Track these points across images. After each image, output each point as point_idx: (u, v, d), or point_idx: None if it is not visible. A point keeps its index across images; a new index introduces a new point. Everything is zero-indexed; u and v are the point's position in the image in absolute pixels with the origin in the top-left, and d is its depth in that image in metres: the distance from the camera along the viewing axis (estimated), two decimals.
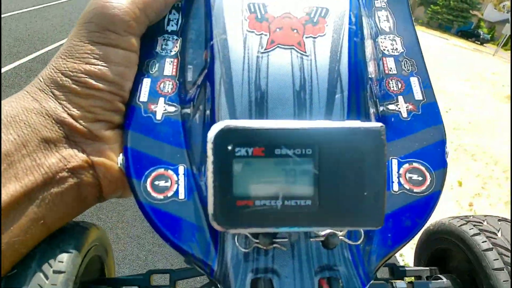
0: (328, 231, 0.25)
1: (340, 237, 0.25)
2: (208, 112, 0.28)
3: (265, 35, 0.29)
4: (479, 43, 22.16)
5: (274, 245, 0.25)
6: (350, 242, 0.26)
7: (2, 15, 4.90)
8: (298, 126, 0.22)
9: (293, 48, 0.28)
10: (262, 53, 0.28)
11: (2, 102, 0.26)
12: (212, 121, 0.27)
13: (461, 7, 22.85)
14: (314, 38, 0.29)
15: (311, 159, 0.22)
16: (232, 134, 0.21)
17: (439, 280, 0.32)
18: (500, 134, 4.70)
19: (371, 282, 0.26)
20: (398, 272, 0.32)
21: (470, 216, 0.34)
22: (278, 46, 0.28)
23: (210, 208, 0.21)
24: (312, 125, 0.22)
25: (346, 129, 0.22)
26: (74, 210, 0.28)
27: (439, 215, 0.34)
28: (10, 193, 0.23)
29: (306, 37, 0.29)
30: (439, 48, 11.86)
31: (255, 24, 0.29)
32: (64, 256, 0.25)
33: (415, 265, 0.40)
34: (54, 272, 0.24)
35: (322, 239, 0.25)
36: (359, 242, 0.26)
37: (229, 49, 0.28)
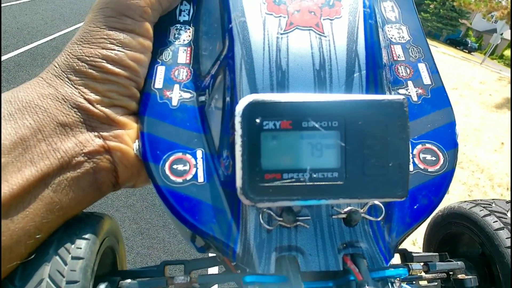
0: (349, 208, 0.26)
1: (361, 214, 0.26)
2: (228, 96, 0.28)
3: (284, 17, 0.29)
4: (467, 51, 22.63)
5: (297, 223, 0.25)
6: (372, 218, 0.26)
7: None
8: (324, 99, 0.22)
9: (312, 29, 0.29)
10: (281, 34, 0.28)
11: (17, 88, 0.26)
12: (233, 102, 0.27)
13: (450, 15, 23.22)
14: (331, 20, 0.29)
15: (337, 131, 0.22)
16: (260, 108, 0.22)
17: (452, 262, 0.32)
18: (486, 143, 4.78)
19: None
20: (410, 257, 0.32)
21: (478, 199, 0.34)
22: (297, 28, 0.29)
23: (238, 182, 0.22)
24: (337, 98, 0.23)
25: (370, 101, 0.23)
26: (90, 196, 0.27)
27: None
28: (26, 177, 0.23)
29: (324, 19, 0.29)
30: None
31: (273, 7, 0.29)
32: (82, 243, 0.25)
33: (424, 251, 0.40)
34: (73, 258, 0.24)
35: (344, 216, 0.26)
36: (380, 219, 0.27)
37: (248, 31, 0.28)
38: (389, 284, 0.25)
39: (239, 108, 0.22)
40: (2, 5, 5.56)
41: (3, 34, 4.24)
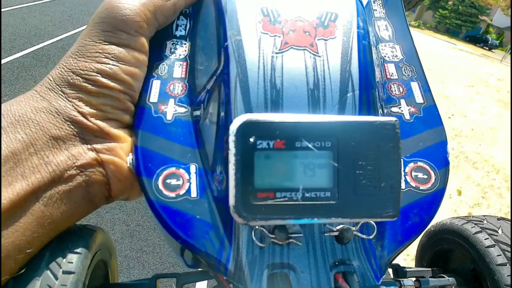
0: (341, 226, 0.26)
1: (353, 232, 0.26)
2: (222, 112, 0.28)
3: (279, 36, 0.30)
4: (487, 48, 21.99)
5: (290, 240, 0.25)
6: (364, 236, 0.27)
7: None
8: (317, 119, 0.23)
9: (306, 49, 0.29)
10: (276, 53, 0.29)
11: (10, 101, 0.26)
12: (228, 119, 0.27)
13: (469, 12, 22.62)
14: (326, 40, 0.30)
15: (330, 152, 0.23)
16: (254, 127, 0.22)
17: (444, 278, 0.32)
18: (502, 141, 4.58)
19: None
20: (402, 272, 0.33)
21: (470, 216, 0.35)
22: (291, 47, 0.29)
23: (232, 200, 0.22)
24: (330, 118, 0.23)
25: (363, 122, 0.23)
26: (82, 209, 0.27)
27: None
28: (17, 191, 0.23)
29: (318, 39, 0.30)
30: (446, 53, 11.78)
31: (269, 27, 0.30)
32: (73, 257, 0.25)
33: (416, 266, 0.40)
34: (64, 272, 0.24)
35: (336, 233, 0.26)
36: (372, 237, 0.27)
37: (244, 49, 0.29)
38: None
39: (233, 127, 0.22)
40: (12, 7, 5.61)
41: (10, 36, 4.26)
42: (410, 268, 0.34)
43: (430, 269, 0.34)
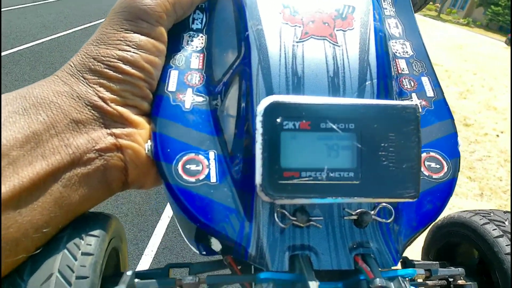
0: (360, 210, 0.26)
1: (372, 215, 0.26)
2: (243, 102, 0.28)
3: (299, 26, 0.30)
4: None
5: (310, 222, 0.26)
6: (382, 220, 0.27)
7: None
8: (342, 102, 0.24)
9: (326, 39, 0.30)
10: (297, 42, 0.29)
11: (32, 85, 0.26)
12: (249, 107, 0.28)
13: None
14: (344, 31, 0.31)
15: (353, 133, 0.23)
16: (281, 108, 0.23)
17: (453, 268, 0.32)
18: None
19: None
20: (410, 265, 0.33)
21: (477, 209, 0.35)
22: (312, 37, 0.30)
23: (258, 179, 0.22)
24: (354, 101, 0.24)
25: (385, 105, 0.24)
26: (99, 194, 0.27)
27: None
28: (36, 171, 0.23)
29: (337, 30, 0.31)
30: (497, 54, 10.90)
31: (289, 17, 0.31)
32: (92, 240, 0.25)
33: (422, 259, 0.40)
34: (83, 254, 0.24)
35: (355, 217, 0.26)
36: (389, 221, 0.27)
37: (265, 38, 0.29)
38: (400, 282, 0.25)
39: (261, 108, 0.23)
40: (14, 6, 5.52)
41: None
42: (418, 261, 0.33)
43: (437, 262, 0.34)
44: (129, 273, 0.26)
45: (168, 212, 2.07)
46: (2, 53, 3.80)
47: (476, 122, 4.80)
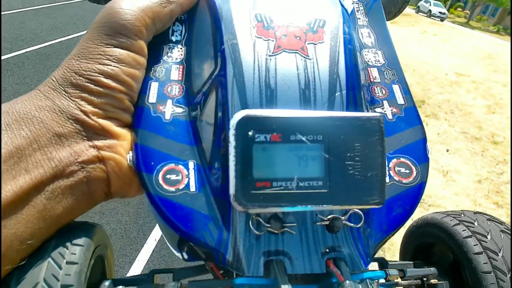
0: (331, 216, 0.28)
1: (343, 221, 0.28)
2: (219, 112, 0.29)
3: (272, 40, 0.31)
4: None
5: (284, 229, 0.27)
6: (352, 225, 0.28)
7: None
8: (310, 115, 0.25)
9: (297, 52, 0.31)
10: (270, 56, 0.31)
11: (15, 100, 0.27)
12: (225, 118, 0.29)
13: None
14: (315, 44, 0.32)
15: (321, 144, 0.25)
16: (252, 122, 0.24)
17: (426, 268, 0.34)
18: None
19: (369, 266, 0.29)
20: (386, 265, 0.34)
21: (449, 211, 0.37)
22: (284, 50, 0.31)
23: (232, 189, 0.23)
24: (322, 114, 0.25)
25: (351, 117, 0.25)
26: (83, 205, 0.28)
27: None
28: (20, 184, 0.24)
29: (308, 43, 0.32)
30: None
31: (263, 31, 0.32)
32: (76, 249, 0.25)
33: (400, 260, 0.40)
34: (68, 263, 0.24)
35: (327, 223, 0.28)
36: (359, 225, 0.28)
37: (240, 52, 0.30)
38: (368, 284, 0.27)
39: (234, 122, 0.24)
40: (11, 11, 5.44)
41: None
42: (394, 261, 0.35)
43: (412, 262, 0.35)
44: (107, 283, 0.26)
45: (155, 235, 1.89)
46: (8, 55, 3.72)
47: (505, 139, 4.36)
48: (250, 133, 0.24)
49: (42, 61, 3.80)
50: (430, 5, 20.17)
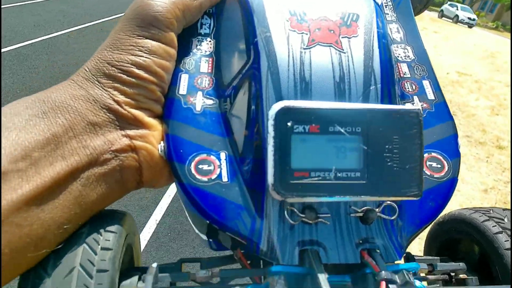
0: (365, 208, 0.28)
1: (377, 213, 0.28)
2: (253, 105, 0.29)
3: (306, 34, 0.31)
4: None
5: (319, 219, 0.27)
6: (386, 217, 0.28)
7: None
8: (349, 107, 0.25)
9: (332, 46, 0.31)
10: (304, 49, 0.30)
11: (50, 89, 0.28)
12: (259, 110, 0.29)
13: None
14: (349, 38, 0.32)
15: (360, 136, 0.25)
16: (291, 113, 0.24)
17: (455, 263, 0.34)
18: None
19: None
20: (413, 260, 0.33)
21: (477, 207, 0.36)
22: (318, 44, 0.31)
23: (270, 179, 0.24)
24: (361, 106, 0.25)
25: (390, 110, 0.25)
26: (115, 193, 0.29)
27: None
28: (57, 171, 0.24)
29: (342, 37, 0.32)
30: None
31: (296, 25, 0.32)
32: (110, 235, 0.26)
33: (425, 256, 0.40)
34: (102, 249, 0.25)
35: (361, 214, 0.28)
36: (393, 218, 0.28)
37: (274, 44, 0.30)
38: (405, 275, 0.26)
39: (272, 112, 0.24)
40: (12, 4, 5.32)
41: None
42: (421, 256, 0.35)
43: (439, 257, 0.35)
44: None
45: None
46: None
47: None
48: (289, 123, 0.24)
49: (20, 62, 3.54)
50: (457, 9, 17.75)
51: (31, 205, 0.23)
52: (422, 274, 0.33)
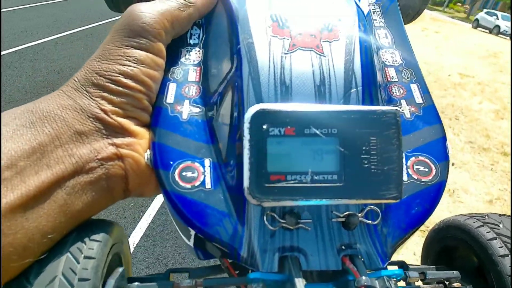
0: (347, 212, 0.27)
1: (359, 217, 0.27)
2: (235, 111, 0.30)
3: (287, 39, 0.32)
4: None
5: (299, 225, 0.27)
6: (369, 222, 0.28)
7: None
8: (325, 108, 0.25)
9: (313, 50, 0.31)
10: (285, 53, 0.31)
11: (39, 99, 0.28)
12: (241, 117, 0.29)
13: None
14: (330, 42, 0.32)
15: (336, 138, 0.24)
16: (267, 115, 0.24)
17: (449, 271, 0.33)
18: None
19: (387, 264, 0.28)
20: (407, 268, 0.33)
21: (472, 213, 0.36)
22: (299, 48, 0.31)
23: (246, 182, 0.24)
24: (337, 108, 0.25)
25: (366, 111, 0.25)
26: (102, 201, 0.29)
27: None
28: (42, 179, 0.24)
29: (323, 41, 0.32)
30: None
31: (278, 31, 0.32)
32: (94, 244, 0.26)
33: (422, 264, 0.39)
34: (85, 257, 0.25)
35: (343, 219, 0.27)
36: (376, 222, 0.28)
37: (255, 50, 0.31)
38: (385, 281, 0.26)
39: (248, 115, 0.24)
40: (13, 7, 5.22)
41: None
42: (415, 265, 0.34)
43: (434, 266, 0.34)
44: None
45: None
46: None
47: None
48: (264, 126, 0.24)
49: (2, 70, 3.42)
50: (497, 18, 14.84)
51: (16, 213, 0.23)
52: (417, 283, 0.32)
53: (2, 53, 3.87)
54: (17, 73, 3.44)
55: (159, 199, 2.20)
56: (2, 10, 5.45)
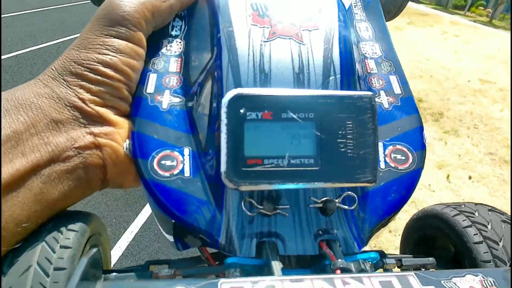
0: (325, 198, 0.27)
1: (336, 203, 0.28)
2: (214, 102, 0.30)
3: (267, 27, 0.32)
4: None
5: (277, 211, 0.27)
6: (346, 207, 0.28)
7: None
8: (302, 93, 0.25)
9: (292, 38, 0.31)
10: (264, 42, 0.31)
11: (15, 88, 0.28)
12: (220, 102, 0.29)
13: None
14: (310, 31, 0.32)
15: (313, 122, 0.25)
16: (244, 100, 0.24)
17: (424, 258, 0.34)
18: None
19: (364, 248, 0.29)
20: (384, 256, 0.33)
21: (450, 203, 0.36)
22: (278, 37, 0.31)
23: (223, 167, 0.23)
24: (314, 92, 0.25)
25: (342, 95, 0.25)
26: (79, 191, 0.28)
27: None
28: (16, 167, 0.24)
29: (303, 30, 0.32)
30: None
31: (258, 19, 0.32)
32: (70, 234, 0.26)
33: (401, 253, 0.40)
34: (61, 247, 0.24)
35: (320, 205, 0.28)
36: (353, 207, 0.28)
37: (235, 38, 0.31)
38: (360, 264, 0.26)
39: (225, 100, 0.24)
40: (9, 14, 5.19)
41: None
42: (394, 254, 0.34)
43: (412, 255, 0.35)
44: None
45: None
46: None
47: None
48: (241, 111, 0.24)
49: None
50: None
51: None
52: (395, 270, 0.32)
53: (16, 53, 3.83)
54: (14, 78, 3.33)
55: (145, 214, 2.06)
56: (12, 14, 5.44)
